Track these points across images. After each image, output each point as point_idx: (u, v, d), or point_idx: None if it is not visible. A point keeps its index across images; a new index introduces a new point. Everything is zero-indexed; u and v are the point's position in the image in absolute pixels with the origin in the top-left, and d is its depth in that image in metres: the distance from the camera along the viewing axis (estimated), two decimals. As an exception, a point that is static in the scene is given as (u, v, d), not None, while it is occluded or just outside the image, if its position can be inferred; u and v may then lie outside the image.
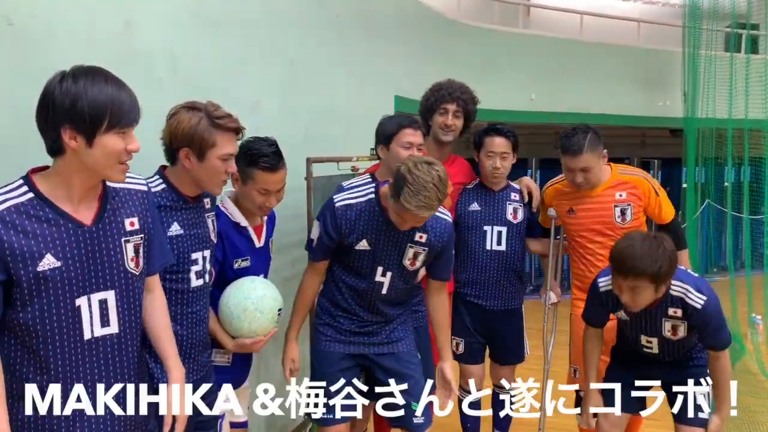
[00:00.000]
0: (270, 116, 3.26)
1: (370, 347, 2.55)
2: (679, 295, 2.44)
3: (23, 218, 1.52)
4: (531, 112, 7.56)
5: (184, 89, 2.14)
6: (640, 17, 9.87)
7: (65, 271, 1.56)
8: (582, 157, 2.82)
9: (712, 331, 2.47)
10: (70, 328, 1.59)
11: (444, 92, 3.04)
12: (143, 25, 2.39)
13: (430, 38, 6.12)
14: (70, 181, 1.57)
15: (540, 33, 8.43)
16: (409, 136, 2.65)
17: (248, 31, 3.14)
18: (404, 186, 2.18)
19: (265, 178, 2.27)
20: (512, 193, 3.12)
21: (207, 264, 2.13)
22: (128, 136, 1.56)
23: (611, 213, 2.91)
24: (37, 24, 1.93)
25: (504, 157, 2.99)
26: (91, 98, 1.49)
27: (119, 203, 1.70)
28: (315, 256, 2.49)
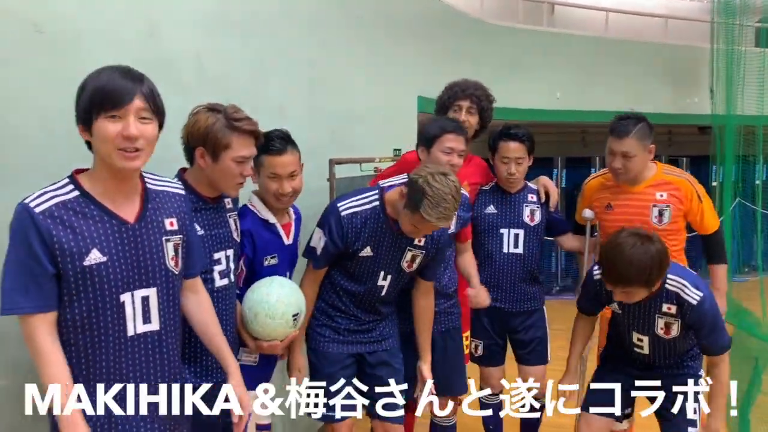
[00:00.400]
0: (293, 118, 3.28)
1: (366, 345, 2.58)
2: (675, 290, 2.40)
3: (71, 214, 1.57)
4: (556, 110, 7.49)
5: (210, 93, 2.16)
6: (667, 13, 9.71)
7: (110, 266, 1.61)
8: (626, 140, 2.75)
9: (708, 332, 2.41)
10: (115, 324, 1.63)
11: (457, 89, 3.03)
12: (169, 30, 2.43)
13: (453, 38, 6.10)
14: (102, 176, 1.62)
15: (565, 31, 8.35)
16: (451, 142, 2.65)
17: (272, 35, 3.17)
18: (424, 198, 2.19)
19: (272, 161, 2.27)
20: (529, 195, 3.08)
21: (231, 263, 2.15)
22: (123, 121, 1.55)
23: (648, 212, 2.84)
24: (65, 31, 1.97)
25: (519, 162, 2.95)
26: (86, 89, 1.56)
27: (159, 204, 1.74)
28: (318, 263, 2.47)
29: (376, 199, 2.45)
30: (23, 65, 1.83)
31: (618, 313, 2.57)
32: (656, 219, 2.83)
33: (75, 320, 1.59)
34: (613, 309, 2.59)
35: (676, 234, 2.87)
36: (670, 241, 2.78)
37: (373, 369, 2.58)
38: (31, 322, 1.55)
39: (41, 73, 1.89)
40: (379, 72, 4.41)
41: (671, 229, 2.82)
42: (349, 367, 2.55)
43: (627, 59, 8.09)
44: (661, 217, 2.83)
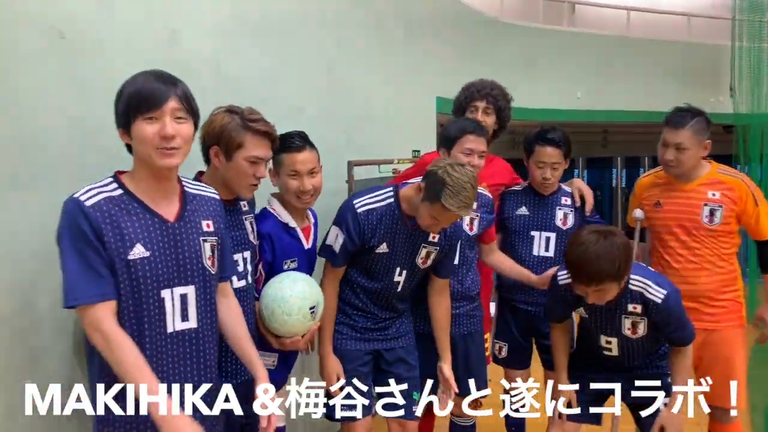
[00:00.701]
0: (311, 120, 3.30)
1: (382, 342, 2.59)
2: (638, 290, 2.40)
3: (116, 210, 1.63)
4: (577, 110, 7.45)
5: (228, 97, 2.19)
6: (689, 11, 9.59)
7: (153, 261, 1.66)
8: (681, 132, 2.70)
9: (674, 328, 2.43)
10: (155, 319, 1.67)
11: (473, 90, 3.02)
12: (188, 35, 2.46)
13: (472, 38, 6.09)
14: (143, 176, 1.68)
15: (586, 30, 8.28)
16: (471, 143, 2.65)
17: (289, 38, 3.19)
18: (444, 188, 2.21)
19: (293, 158, 2.29)
20: (563, 198, 3.01)
21: (248, 265, 2.17)
22: (159, 122, 1.62)
23: (699, 211, 2.74)
24: (87, 37, 2.00)
25: (555, 167, 2.89)
26: (122, 94, 1.64)
27: (197, 206, 1.80)
28: (338, 262, 2.47)
29: (391, 196, 2.47)
30: (47, 70, 1.87)
31: (585, 317, 2.55)
32: (707, 219, 2.74)
33: (122, 314, 1.62)
34: (580, 314, 2.56)
35: (728, 236, 2.78)
36: (721, 243, 2.74)
37: (390, 366, 2.60)
38: (97, 311, 1.58)
39: (64, 78, 1.92)
40: (397, 73, 4.42)
41: (723, 231, 2.74)
42: (367, 364, 2.56)
43: (649, 58, 8.01)
44: (712, 217, 2.74)
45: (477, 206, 2.79)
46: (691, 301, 2.74)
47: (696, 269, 2.76)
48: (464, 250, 2.78)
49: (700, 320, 2.75)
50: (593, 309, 2.50)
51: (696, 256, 2.76)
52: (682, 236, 2.78)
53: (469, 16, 6.15)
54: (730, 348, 2.76)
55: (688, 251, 2.76)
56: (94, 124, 2.00)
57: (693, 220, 2.75)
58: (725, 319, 2.77)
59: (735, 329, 2.79)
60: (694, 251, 2.76)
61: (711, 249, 2.75)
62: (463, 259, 2.78)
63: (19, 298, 1.77)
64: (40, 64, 1.85)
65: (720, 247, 2.75)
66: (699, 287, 2.75)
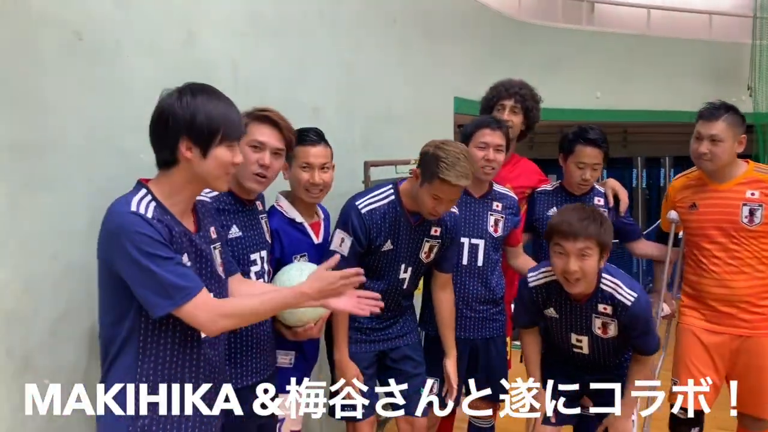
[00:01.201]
0: (328, 120, 3.29)
1: (387, 342, 2.60)
2: (609, 290, 2.38)
3: (161, 223, 1.61)
4: (596, 110, 7.37)
5: (246, 97, 2.18)
6: (711, 9, 9.46)
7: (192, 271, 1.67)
8: (716, 123, 2.61)
9: (640, 333, 2.41)
10: (190, 329, 1.67)
11: (501, 88, 3.01)
12: (205, 35, 2.46)
13: (490, 38, 6.05)
14: (182, 190, 1.68)
15: (605, 29, 8.20)
16: (486, 136, 2.65)
17: (306, 38, 3.18)
18: (439, 162, 2.24)
19: (306, 151, 2.31)
20: (596, 198, 2.93)
21: (265, 264, 2.19)
22: (235, 149, 1.69)
23: (738, 211, 2.63)
24: (105, 38, 2.01)
25: (595, 168, 2.82)
26: (207, 112, 1.62)
27: (203, 214, 1.81)
28: (349, 265, 2.44)
29: (392, 193, 2.48)
30: (64, 72, 1.87)
31: (555, 317, 2.51)
32: (746, 219, 2.63)
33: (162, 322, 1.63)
34: (550, 315, 2.52)
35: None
36: (762, 244, 2.65)
37: (396, 363, 2.60)
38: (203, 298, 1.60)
39: (81, 80, 1.93)
40: (414, 73, 4.40)
41: (764, 231, 2.63)
42: (372, 365, 2.57)
43: (669, 57, 7.91)
44: (752, 217, 2.62)
45: (502, 207, 2.77)
46: (728, 306, 2.69)
47: (734, 272, 2.65)
48: (489, 252, 2.75)
49: (736, 326, 2.69)
50: (564, 307, 2.47)
51: (735, 258, 2.65)
52: (719, 238, 2.68)
53: (487, 16, 6.11)
54: (765, 357, 2.67)
55: (726, 254, 2.66)
56: (111, 126, 2.00)
57: (731, 221, 2.65)
58: (763, 326, 2.67)
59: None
60: (732, 253, 2.66)
61: (751, 251, 2.65)
62: (487, 261, 2.75)
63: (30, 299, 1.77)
64: (57, 66, 1.85)
65: (761, 249, 2.65)
66: (737, 291, 2.66)
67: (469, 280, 2.75)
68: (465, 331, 2.77)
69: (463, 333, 2.77)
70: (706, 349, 2.73)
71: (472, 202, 2.75)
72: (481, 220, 2.74)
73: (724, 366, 2.73)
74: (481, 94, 3.20)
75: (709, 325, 2.73)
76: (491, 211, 2.76)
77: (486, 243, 2.74)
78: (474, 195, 2.76)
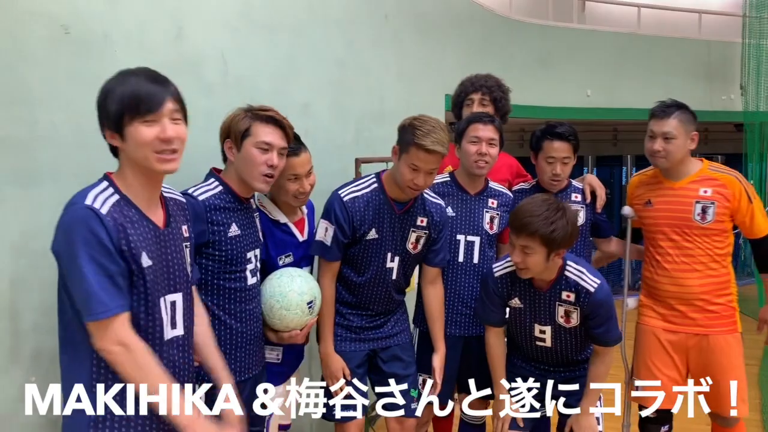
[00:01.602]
0: (320, 118, 3.28)
1: (378, 341, 2.58)
2: (574, 278, 2.40)
3: (123, 216, 1.57)
4: (587, 108, 7.37)
5: (236, 93, 2.18)
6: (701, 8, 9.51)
7: (154, 269, 1.62)
8: (668, 121, 2.65)
9: (601, 321, 2.42)
10: (156, 327, 1.64)
11: (467, 84, 3.03)
12: (195, 30, 2.44)
13: (482, 36, 6.04)
14: (135, 180, 1.63)
15: (596, 27, 8.21)
16: (479, 131, 2.66)
17: (298, 34, 3.17)
18: (414, 130, 2.28)
19: (292, 162, 2.28)
20: (573, 194, 2.93)
21: (258, 262, 2.19)
22: (158, 124, 1.57)
23: (691, 209, 2.67)
24: (93, 32, 1.99)
25: (565, 162, 2.81)
26: (112, 94, 1.56)
27: (175, 211, 1.77)
28: (332, 255, 2.44)
29: (375, 181, 2.48)
30: (51, 66, 1.85)
31: (519, 307, 2.52)
32: (699, 216, 2.67)
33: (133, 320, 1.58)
34: (514, 305, 2.53)
35: (721, 235, 2.70)
36: (714, 242, 2.68)
37: (386, 364, 2.60)
38: (123, 321, 1.54)
39: (69, 73, 1.91)
40: (406, 70, 4.39)
41: (716, 229, 2.67)
42: (362, 365, 2.56)
43: (659, 56, 7.93)
44: (705, 215, 2.67)
45: (497, 205, 2.78)
46: (683, 304, 2.72)
47: (687, 270, 2.70)
48: (485, 249, 2.75)
49: (691, 324, 2.72)
50: (528, 296, 2.48)
51: (687, 256, 2.69)
52: (673, 235, 2.72)
53: (479, 14, 6.10)
54: (722, 355, 2.69)
55: (680, 251, 2.70)
56: (98, 120, 1.98)
57: (684, 218, 2.69)
58: (717, 325, 2.70)
59: (728, 335, 2.71)
60: (685, 251, 2.69)
61: (703, 249, 2.68)
62: (483, 258, 2.76)
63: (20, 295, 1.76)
64: (44, 60, 1.83)
65: (713, 247, 2.69)
66: (690, 289, 2.70)
67: (466, 278, 2.75)
68: (460, 328, 2.77)
69: (458, 330, 2.77)
70: (665, 348, 2.76)
71: (468, 199, 2.75)
72: (477, 218, 2.74)
73: (684, 364, 2.76)
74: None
75: (666, 324, 2.77)
76: (487, 209, 2.77)
77: (482, 240, 2.74)
78: (470, 192, 2.76)
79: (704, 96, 8.15)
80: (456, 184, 2.76)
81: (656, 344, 2.77)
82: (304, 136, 2.40)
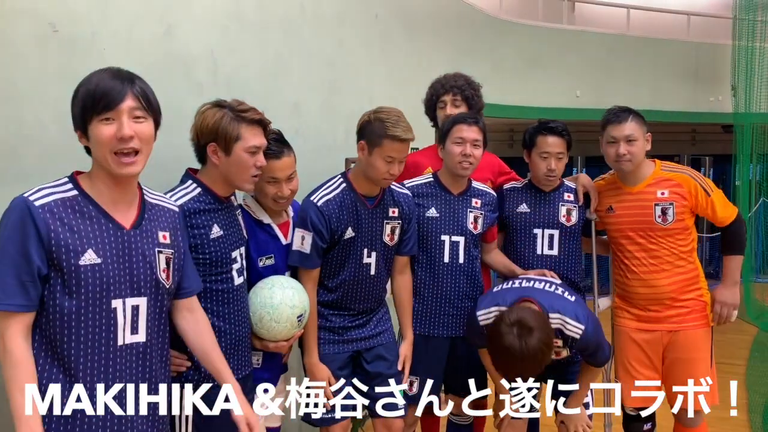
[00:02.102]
0: (309, 117, 3.27)
1: (361, 342, 2.57)
2: (557, 326, 2.41)
3: (69, 212, 1.55)
4: (576, 109, 7.41)
5: (225, 92, 2.16)
6: (689, 10, 9.57)
7: (104, 269, 1.58)
8: (627, 124, 2.69)
9: (592, 353, 2.51)
10: (106, 329, 1.60)
11: (438, 86, 3.00)
12: (184, 29, 2.42)
13: (472, 36, 6.06)
14: (101, 180, 1.60)
15: (585, 28, 8.25)
16: (463, 132, 2.64)
17: (288, 33, 3.16)
18: (383, 123, 2.32)
19: (271, 165, 2.24)
20: (566, 193, 2.89)
21: (243, 261, 2.16)
22: (117, 123, 1.53)
23: (651, 212, 2.71)
24: (80, 30, 1.97)
25: (559, 157, 2.77)
26: (78, 96, 1.55)
27: (154, 216, 1.73)
28: (312, 263, 2.42)
29: (342, 181, 2.48)
30: (39, 64, 1.84)
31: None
32: (660, 219, 2.71)
33: (64, 318, 1.55)
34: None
35: (684, 233, 2.74)
36: (678, 241, 2.72)
37: (370, 364, 2.58)
38: (10, 321, 1.51)
39: (57, 72, 1.89)
40: (396, 70, 4.39)
41: (678, 228, 2.70)
42: (346, 367, 2.54)
43: (648, 57, 7.99)
44: (665, 216, 2.70)
45: (481, 204, 2.77)
46: (655, 304, 2.74)
47: (656, 271, 2.73)
48: (469, 249, 2.75)
49: (664, 322, 2.75)
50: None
51: (654, 257, 2.73)
52: (638, 239, 2.75)
53: (468, 14, 6.12)
54: (692, 349, 2.73)
55: (646, 253, 2.73)
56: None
57: (646, 222, 2.72)
58: (688, 320, 2.74)
59: (698, 329, 2.74)
60: (651, 253, 2.73)
61: (668, 249, 2.72)
62: (468, 258, 2.75)
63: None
64: (31, 59, 1.81)
65: (678, 246, 2.72)
66: (660, 289, 2.73)
67: (451, 278, 2.74)
68: (446, 329, 2.76)
69: (445, 331, 2.76)
70: (641, 348, 2.79)
71: (452, 199, 2.75)
72: (461, 218, 2.74)
73: (660, 362, 2.80)
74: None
75: (640, 324, 2.79)
76: (470, 208, 2.76)
77: (466, 240, 2.73)
78: (453, 192, 2.76)
79: (692, 97, 8.21)
80: (439, 185, 2.75)
81: (632, 345, 2.80)
82: (294, 136, 2.39)
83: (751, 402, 4.41)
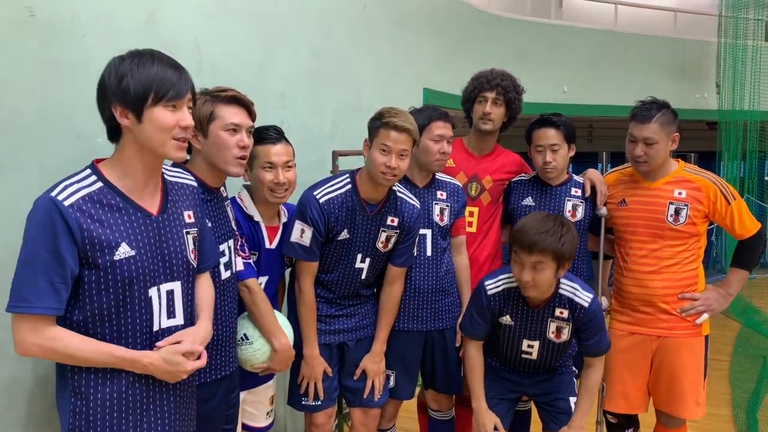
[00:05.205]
0: (296, 109, 3.22)
1: (348, 333, 2.59)
2: (568, 294, 2.43)
3: (97, 207, 1.53)
4: (563, 104, 7.40)
5: (210, 81, 2.11)
6: (676, 6, 9.61)
7: (139, 260, 1.58)
8: (649, 126, 2.60)
9: (593, 333, 2.46)
10: (142, 318, 1.60)
11: (483, 80, 2.93)
12: (168, 16, 2.37)
13: (460, 30, 6.02)
14: (133, 165, 1.59)
15: (573, 24, 8.25)
16: (440, 129, 2.64)
17: (275, 23, 3.10)
18: (383, 115, 2.36)
19: (267, 150, 2.24)
20: (573, 188, 2.87)
21: (232, 254, 2.11)
22: (179, 111, 1.57)
23: (664, 210, 2.64)
24: (59, 15, 1.91)
25: (555, 149, 2.75)
26: (136, 74, 1.52)
27: (177, 196, 1.73)
28: (312, 256, 2.42)
29: (348, 182, 2.47)
30: (16, 49, 1.78)
31: (509, 325, 2.52)
32: (672, 218, 2.65)
33: (102, 313, 1.55)
34: (504, 322, 2.53)
35: (692, 238, 2.67)
36: (683, 245, 2.66)
37: (354, 355, 2.61)
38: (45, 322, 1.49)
39: (34, 57, 1.84)
40: (384, 63, 4.34)
41: (687, 231, 2.64)
42: (332, 357, 2.57)
43: (635, 53, 8.01)
44: (678, 217, 2.64)
45: (446, 196, 2.75)
46: (647, 306, 2.71)
47: (652, 272, 2.68)
48: (437, 241, 2.72)
49: (654, 326, 2.71)
50: (520, 313, 2.49)
51: (654, 258, 2.68)
52: (644, 236, 2.70)
53: (457, 8, 6.08)
54: (681, 357, 2.68)
55: (648, 252, 2.68)
56: (66, 107, 1.92)
57: (657, 219, 2.66)
58: (680, 327, 2.69)
59: (690, 338, 2.69)
60: (653, 252, 2.68)
61: (671, 251, 2.67)
62: (436, 251, 2.72)
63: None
64: (8, 43, 1.76)
65: (681, 250, 2.67)
66: (654, 291, 2.68)
67: (420, 271, 2.71)
68: (419, 322, 2.73)
69: (417, 325, 2.73)
70: (630, 353, 2.75)
71: (417, 192, 2.71)
72: (427, 210, 2.71)
73: (647, 367, 2.75)
74: (450, 85, 3.17)
75: (632, 327, 2.76)
76: (436, 200, 2.74)
77: (433, 232, 2.71)
78: (418, 185, 2.74)
79: (678, 94, 8.23)
80: (404, 178, 2.70)
81: (622, 349, 2.75)
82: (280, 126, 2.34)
83: (735, 397, 4.44)
